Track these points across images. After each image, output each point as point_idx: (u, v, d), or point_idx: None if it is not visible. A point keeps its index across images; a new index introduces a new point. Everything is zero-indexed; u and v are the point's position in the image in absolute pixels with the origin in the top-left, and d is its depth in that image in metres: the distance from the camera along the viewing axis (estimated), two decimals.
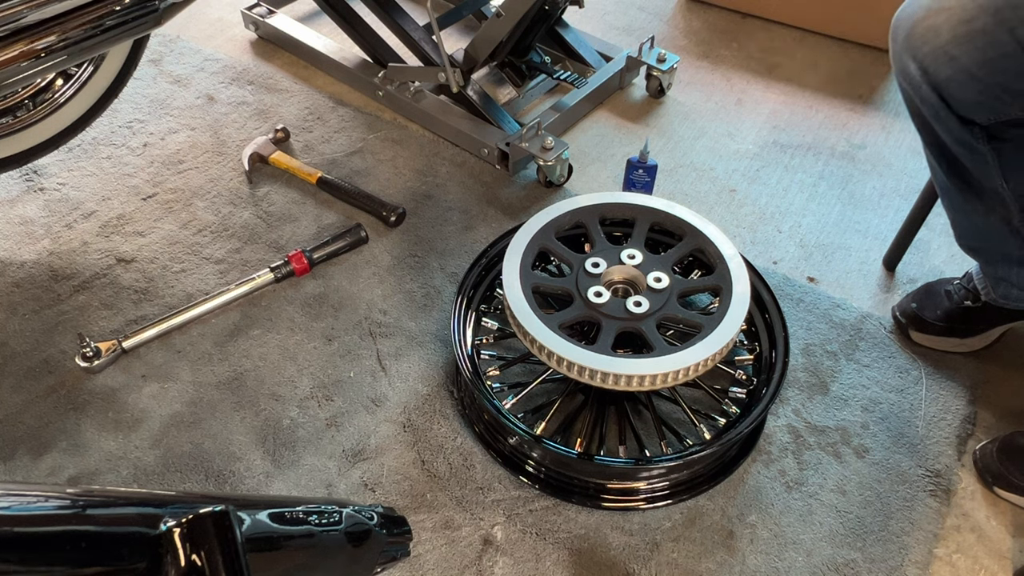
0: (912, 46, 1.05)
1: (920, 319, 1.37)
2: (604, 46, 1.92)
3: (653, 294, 1.17)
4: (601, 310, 1.15)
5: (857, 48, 2.02)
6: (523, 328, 1.12)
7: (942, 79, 1.03)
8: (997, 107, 1.03)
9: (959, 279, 1.38)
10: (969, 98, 1.03)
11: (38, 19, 1.22)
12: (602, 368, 1.07)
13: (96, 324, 1.40)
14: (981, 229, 1.22)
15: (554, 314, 1.15)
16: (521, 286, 1.17)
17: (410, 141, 1.77)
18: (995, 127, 1.06)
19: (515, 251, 1.23)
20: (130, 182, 1.66)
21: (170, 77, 1.91)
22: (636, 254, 1.23)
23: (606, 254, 1.23)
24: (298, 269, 1.46)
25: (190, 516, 0.52)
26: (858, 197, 1.66)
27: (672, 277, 1.19)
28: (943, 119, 1.08)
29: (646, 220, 1.29)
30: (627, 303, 1.16)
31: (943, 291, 1.38)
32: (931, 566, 1.13)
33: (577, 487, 1.18)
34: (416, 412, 1.29)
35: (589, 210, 1.29)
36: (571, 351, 1.09)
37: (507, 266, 1.21)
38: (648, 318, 1.14)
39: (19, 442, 1.24)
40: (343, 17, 1.83)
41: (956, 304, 1.35)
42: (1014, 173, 1.10)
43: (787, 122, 1.83)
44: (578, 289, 1.18)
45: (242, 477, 1.21)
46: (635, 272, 1.21)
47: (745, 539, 1.15)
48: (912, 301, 1.40)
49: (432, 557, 1.13)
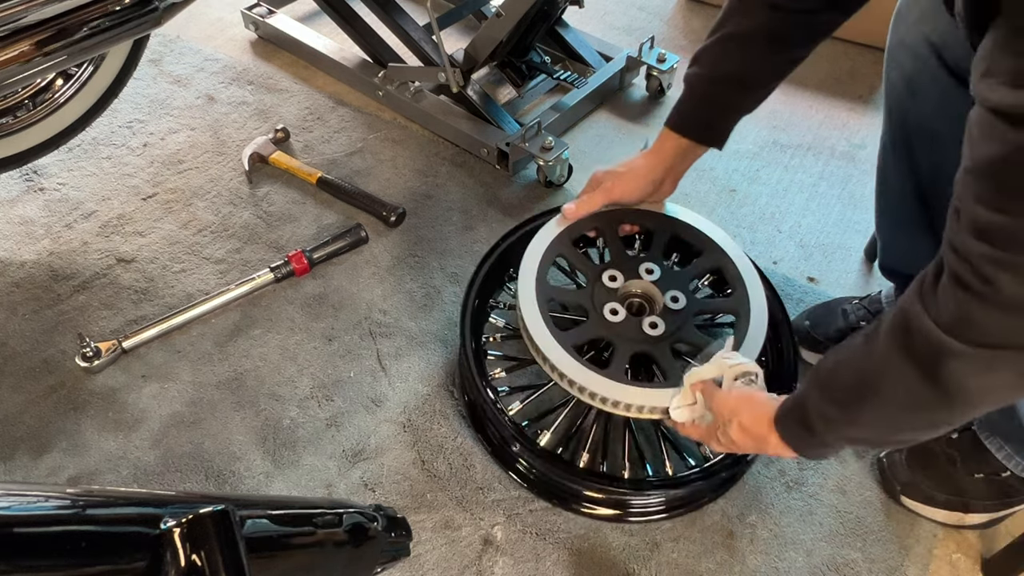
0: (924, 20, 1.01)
1: (811, 337, 1.33)
2: (604, 46, 1.92)
3: (669, 315, 1.14)
4: (616, 331, 1.12)
5: (857, 48, 2.02)
6: (537, 347, 1.10)
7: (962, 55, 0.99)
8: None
9: (859, 299, 1.34)
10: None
11: (38, 19, 1.22)
12: (613, 396, 1.05)
13: (96, 324, 1.40)
14: (907, 251, 1.20)
15: (568, 333, 1.12)
16: (537, 302, 1.14)
17: (410, 141, 1.77)
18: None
19: (533, 256, 1.19)
20: (130, 182, 1.66)
21: (170, 77, 1.91)
22: (654, 268, 1.19)
23: (624, 267, 1.19)
24: (298, 269, 1.46)
25: (190, 516, 0.52)
26: (858, 197, 1.66)
27: (690, 297, 1.16)
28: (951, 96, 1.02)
29: (666, 231, 1.25)
30: (643, 324, 1.13)
31: (840, 309, 1.34)
32: (931, 566, 1.13)
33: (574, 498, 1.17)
34: (416, 412, 1.29)
35: (609, 216, 1.24)
36: (584, 376, 1.06)
37: (523, 275, 1.17)
38: (662, 342, 1.11)
39: (19, 442, 1.24)
40: (343, 17, 1.83)
41: (850, 324, 1.31)
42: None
43: (787, 122, 1.83)
44: (594, 305, 1.15)
45: (242, 477, 1.21)
46: (653, 289, 1.18)
47: (745, 539, 1.15)
48: (806, 319, 1.36)
49: (432, 557, 1.13)
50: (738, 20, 1.03)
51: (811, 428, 0.83)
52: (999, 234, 0.62)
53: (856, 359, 0.78)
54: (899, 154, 1.13)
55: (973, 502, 1.13)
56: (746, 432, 0.92)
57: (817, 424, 0.82)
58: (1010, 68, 0.61)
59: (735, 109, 1.11)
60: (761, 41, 1.02)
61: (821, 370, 0.83)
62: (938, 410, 0.73)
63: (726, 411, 0.95)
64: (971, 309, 0.65)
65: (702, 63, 1.08)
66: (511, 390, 1.26)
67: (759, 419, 0.90)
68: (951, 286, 0.66)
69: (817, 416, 0.82)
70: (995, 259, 0.62)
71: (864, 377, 0.77)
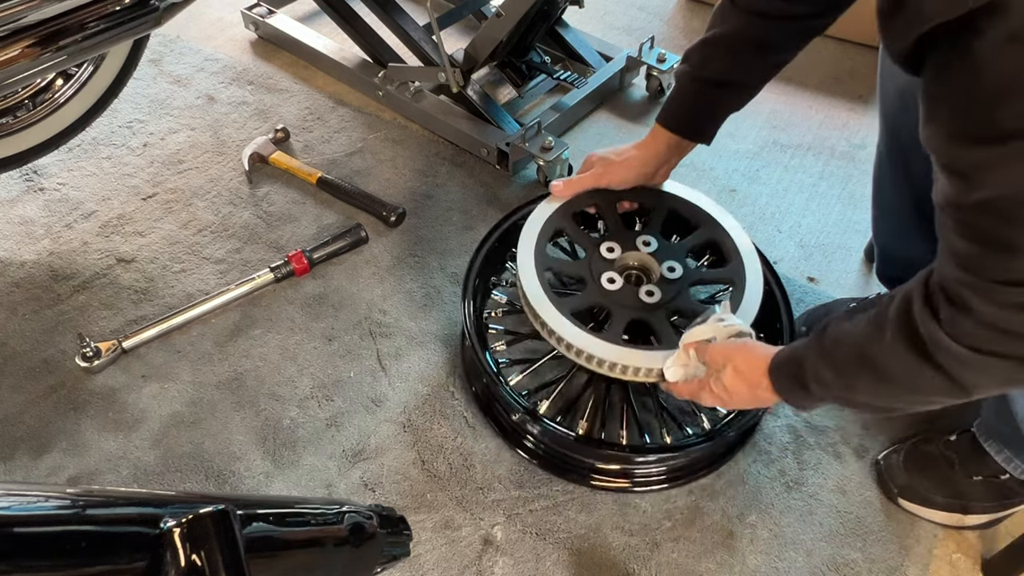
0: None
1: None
2: (604, 46, 1.92)
3: (666, 284, 1.17)
4: (613, 298, 1.15)
5: (857, 48, 2.02)
6: (536, 312, 1.12)
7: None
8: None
9: (855, 302, 1.33)
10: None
11: (38, 19, 1.22)
12: (610, 358, 1.07)
13: (96, 324, 1.40)
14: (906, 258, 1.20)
15: (566, 299, 1.15)
16: (536, 269, 1.16)
17: (410, 141, 1.77)
18: None
19: (531, 230, 1.21)
20: (130, 182, 1.66)
21: (170, 77, 1.91)
22: (651, 240, 1.22)
23: (621, 239, 1.22)
24: (298, 269, 1.46)
25: (190, 516, 0.52)
26: (858, 197, 1.66)
27: (686, 267, 1.19)
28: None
29: (664, 206, 1.27)
30: (639, 292, 1.15)
31: (837, 312, 1.33)
32: (931, 566, 1.13)
33: (574, 467, 1.19)
34: (416, 412, 1.29)
35: (607, 193, 1.26)
36: (581, 338, 1.09)
37: (522, 246, 1.19)
38: (659, 309, 1.14)
39: (19, 442, 1.24)
40: (343, 17, 1.83)
41: None
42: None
43: (787, 122, 1.83)
44: (592, 274, 1.17)
45: (242, 477, 1.21)
46: (649, 259, 1.20)
47: (745, 539, 1.15)
48: (803, 323, 1.35)
49: (432, 557, 1.13)
50: (725, 22, 1.05)
51: (805, 385, 0.86)
52: (970, 262, 0.67)
53: (860, 339, 0.81)
54: (895, 164, 1.14)
55: (972, 504, 1.13)
56: (740, 375, 0.94)
57: (811, 383, 0.85)
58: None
59: (723, 107, 1.14)
60: (747, 44, 1.04)
61: (824, 337, 0.85)
62: (940, 394, 0.76)
63: (720, 357, 0.97)
64: (957, 320, 0.70)
65: (691, 62, 1.10)
66: (511, 362, 1.29)
67: (755, 364, 0.92)
68: (943, 298, 0.71)
69: (812, 376, 0.85)
70: (968, 283, 0.68)
71: (866, 355, 0.79)
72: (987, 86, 0.58)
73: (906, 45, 0.65)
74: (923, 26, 0.61)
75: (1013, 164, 0.59)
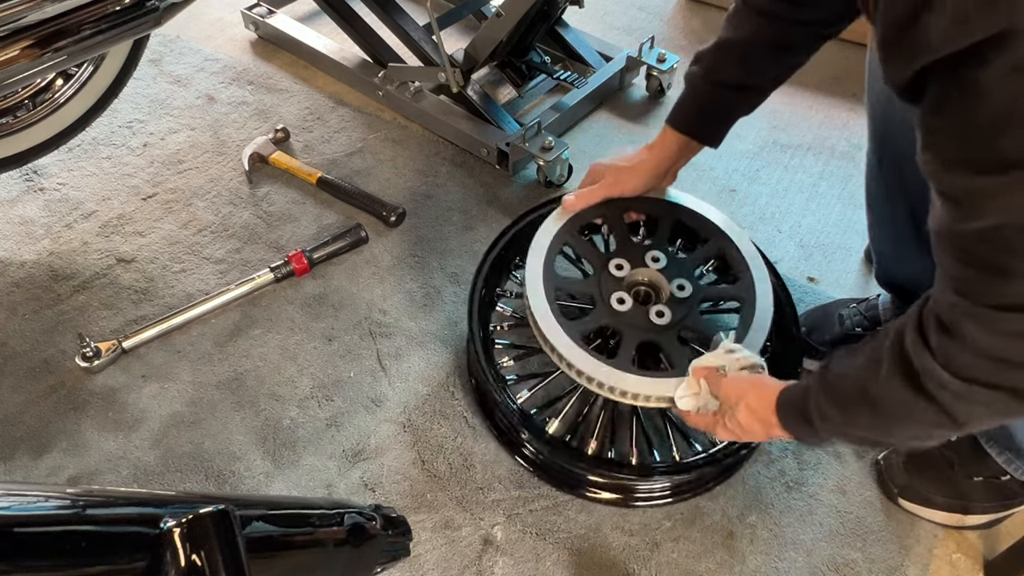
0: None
1: (807, 344, 1.31)
2: (604, 46, 1.92)
3: (676, 304, 1.15)
4: (623, 319, 1.13)
5: (857, 48, 2.02)
6: (545, 336, 1.11)
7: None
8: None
9: (856, 303, 1.33)
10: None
11: (38, 19, 1.22)
12: (620, 386, 1.06)
13: (96, 324, 1.40)
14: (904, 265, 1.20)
15: (575, 322, 1.13)
16: (545, 289, 1.15)
17: (410, 141, 1.77)
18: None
19: (539, 246, 1.20)
20: (130, 182, 1.66)
21: (170, 77, 1.91)
22: (660, 256, 1.20)
23: (630, 254, 1.20)
24: (298, 269, 1.46)
25: (190, 516, 0.52)
26: (858, 197, 1.65)
27: (695, 285, 1.17)
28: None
29: (671, 218, 1.25)
30: (649, 313, 1.13)
31: (837, 315, 1.33)
32: (931, 566, 1.13)
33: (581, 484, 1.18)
34: (416, 412, 1.29)
35: (614, 204, 1.24)
36: (591, 365, 1.07)
37: (531, 264, 1.18)
38: (669, 330, 1.12)
39: (19, 442, 1.24)
40: (343, 17, 1.83)
41: (847, 331, 1.30)
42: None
43: (787, 122, 1.83)
44: (601, 294, 1.16)
45: (242, 477, 1.21)
46: (659, 277, 1.19)
47: (745, 539, 1.15)
48: (802, 325, 1.33)
49: (432, 557, 1.13)
50: (739, 26, 1.04)
51: (810, 421, 0.86)
52: (965, 286, 0.67)
53: (860, 376, 0.81)
54: (885, 172, 1.14)
55: (972, 504, 1.13)
56: (753, 414, 0.93)
57: (816, 420, 0.85)
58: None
59: (735, 111, 1.13)
60: (760, 49, 1.04)
61: (828, 374, 0.85)
62: (934, 427, 0.76)
63: (733, 395, 0.96)
64: (949, 349, 0.69)
65: (703, 64, 1.09)
66: (519, 378, 1.28)
67: (766, 402, 0.92)
68: (936, 327, 0.71)
69: (817, 413, 0.85)
70: (962, 309, 0.67)
71: (867, 391, 0.80)
72: (990, 116, 0.58)
73: (907, 75, 0.65)
74: (928, 57, 0.60)
75: (1015, 193, 0.59)
